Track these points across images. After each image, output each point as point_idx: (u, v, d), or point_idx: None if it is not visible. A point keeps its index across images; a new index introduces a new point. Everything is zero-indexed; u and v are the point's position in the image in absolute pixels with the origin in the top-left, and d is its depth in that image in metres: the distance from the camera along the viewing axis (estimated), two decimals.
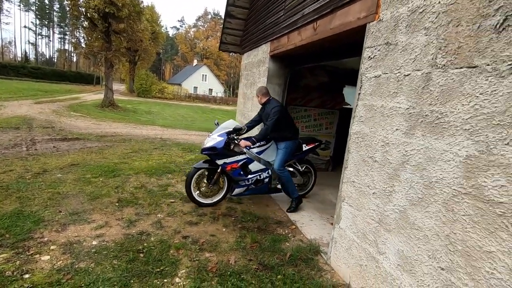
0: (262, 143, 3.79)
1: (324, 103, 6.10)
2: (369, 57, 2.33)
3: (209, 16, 73.86)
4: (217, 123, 3.87)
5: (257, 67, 5.63)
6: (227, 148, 3.58)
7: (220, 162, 3.54)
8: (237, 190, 3.73)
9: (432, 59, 1.75)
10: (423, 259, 1.73)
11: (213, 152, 3.49)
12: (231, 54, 62.43)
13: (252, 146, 3.70)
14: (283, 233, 3.25)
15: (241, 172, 3.64)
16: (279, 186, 3.97)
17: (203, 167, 3.67)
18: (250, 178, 3.71)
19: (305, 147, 4.08)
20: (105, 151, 6.16)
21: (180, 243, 2.77)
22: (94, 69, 38.02)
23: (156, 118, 15.67)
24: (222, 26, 6.97)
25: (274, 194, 4.15)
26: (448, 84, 1.64)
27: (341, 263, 2.53)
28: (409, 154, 1.88)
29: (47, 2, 67.36)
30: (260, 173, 3.77)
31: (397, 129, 2.00)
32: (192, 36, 70.54)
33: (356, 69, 5.72)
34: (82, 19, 16.66)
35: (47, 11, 68.48)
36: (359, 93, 2.44)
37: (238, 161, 3.60)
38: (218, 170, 3.62)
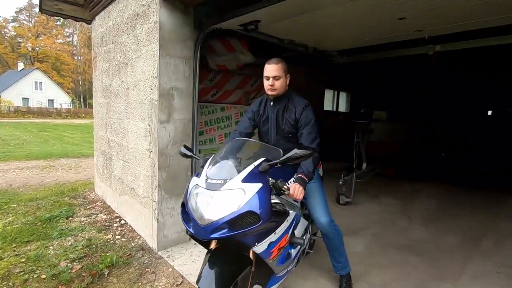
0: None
1: (247, 96, 4.04)
2: None
3: (37, 9, 57.66)
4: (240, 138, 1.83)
5: (130, 29, 2.92)
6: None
7: (259, 248, 1.40)
8: None
9: None
10: None
11: (246, 230, 1.28)
12: (76, 57, 51.05)
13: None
14: None
15: (290, 251, 1.68)
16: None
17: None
18: (296, 254, 1.76)
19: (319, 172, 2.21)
20: None
21: None
22: None
23: None
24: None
25: None
26: None
27: None
28: None
29: None
30: (304, 236, 1.90)
31: None
32: (13, 33, 52.93)
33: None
34: None
35: None
36: None
37: (287, 231, 1.59)
38: (252, 268, 1.43)
